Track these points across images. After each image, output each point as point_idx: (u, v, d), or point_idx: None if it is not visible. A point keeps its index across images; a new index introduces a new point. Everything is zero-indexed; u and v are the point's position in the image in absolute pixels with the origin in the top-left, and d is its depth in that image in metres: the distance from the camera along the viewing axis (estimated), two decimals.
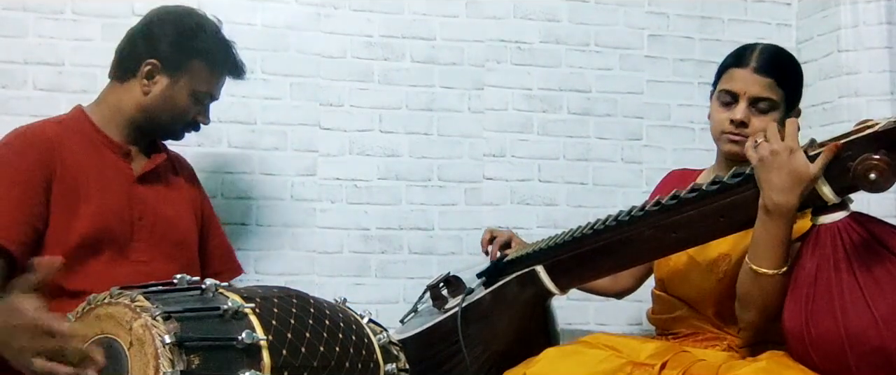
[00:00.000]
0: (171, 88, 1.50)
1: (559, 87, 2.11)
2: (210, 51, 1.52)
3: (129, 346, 0.88)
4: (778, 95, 1.39)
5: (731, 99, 1.41)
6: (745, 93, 1.38)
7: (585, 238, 1.37)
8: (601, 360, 1.31)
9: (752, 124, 1.38)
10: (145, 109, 1.50)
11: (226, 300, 0.95)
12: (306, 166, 1.98)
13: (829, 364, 1.16)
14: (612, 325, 1.97)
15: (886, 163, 1.08)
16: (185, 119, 1.54)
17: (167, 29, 1.51)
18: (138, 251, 1.45)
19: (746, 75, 1.39)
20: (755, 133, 1.36)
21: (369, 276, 1.99)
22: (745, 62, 1.40)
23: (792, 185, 1.15)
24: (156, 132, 1.56)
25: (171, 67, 1.49)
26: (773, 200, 1.17)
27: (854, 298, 1.13)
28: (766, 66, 1.39)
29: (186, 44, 1.50)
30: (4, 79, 1.84)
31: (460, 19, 2.07)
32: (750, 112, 1.39)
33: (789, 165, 1.15)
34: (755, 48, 1.42)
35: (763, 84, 1.38)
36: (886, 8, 1.99)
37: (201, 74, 1.51)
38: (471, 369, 1.39)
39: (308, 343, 0.99)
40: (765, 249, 1.20)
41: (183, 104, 1.51)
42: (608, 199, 2.09)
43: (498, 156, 2.07)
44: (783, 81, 1.40)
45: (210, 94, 1.56)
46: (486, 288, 1.47)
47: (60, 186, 1.39)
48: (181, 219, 1.56)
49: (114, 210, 1.43)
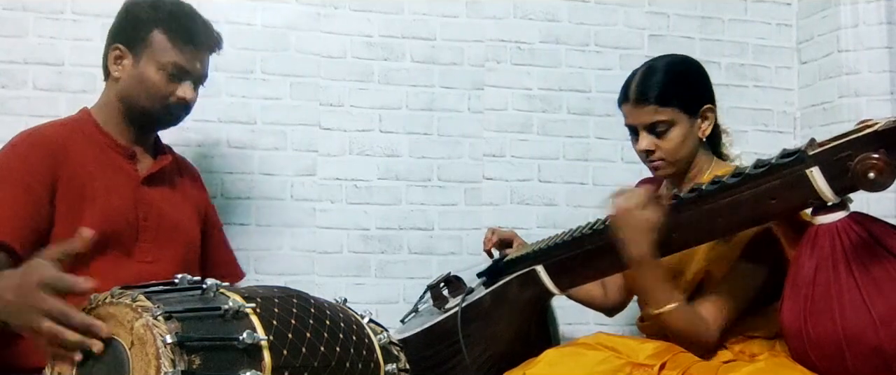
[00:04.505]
0: (137, 66, 1.47)
1: (559, 87, 2.11)
2: (165, 20, 1.47)
3: (130, 346, 0.88)
4: (668, 115, 1.41)
5: (632, 133, 1.47)
6: (640, 124, 1.44)
7: (585, 238, 1.38)
8: (600, 361, 1.31)
9: (660, 147, 1.43)
10: (123, 96, 1.49)
11: (227, 300, 0.95)
12: (306, 166, 1.98)
13: (827, 364, 1.16)
14: (611, 325, 1.97)
15: (885, 163, 1.08)
16: (164, 97, 1.48)
17: (123, 11, 1.51)
18: (143, 251, 1.45)
19: (631, 109, 1.45)
20: (669, 153, 1.42)
21: (369, 276, 2.00)
22: (627, 97, 1.45)
23: (640, 237, 1.27)
24: (145, 120, 1.51)
25: (132, 46, 1.47)
26: (631, 252, 1.28)
27: (852, 298, 1.13)
28: (642, 95, 1.42)
29: (140, 18, 1.48)
30: (4, 79, 1.84)
31: (460, 19, 2.07)
32: (652, 138, 1.43)
33: (632, 222, 1.27)
34: (633, 79, 1.46)
35: (647, 111, 1.42)
36: (886, 8, 1.99)
37: (162, 45, 1.46)
38: (471, 368, 1.40)
39: (309, 343, 0.99)
40: (648, 294, 1.33)
41: (153, 80, 1.46)
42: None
43: (498, 156, 2.08)
44: (665, 100, 1.41)
45: (180, 67, 1.48)
46: (487, 288, 1.48)
47: (66, 188, 1.39)
48: (185, 221, 1.55)
49: (119, 211, 1.43)
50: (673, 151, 1.43)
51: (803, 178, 1.15)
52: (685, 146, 1.43)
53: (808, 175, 1.15)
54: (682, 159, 1.44)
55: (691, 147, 1.44)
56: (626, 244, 1.28)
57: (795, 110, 2.22)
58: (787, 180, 1.18)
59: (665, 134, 1.42)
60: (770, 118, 2.23)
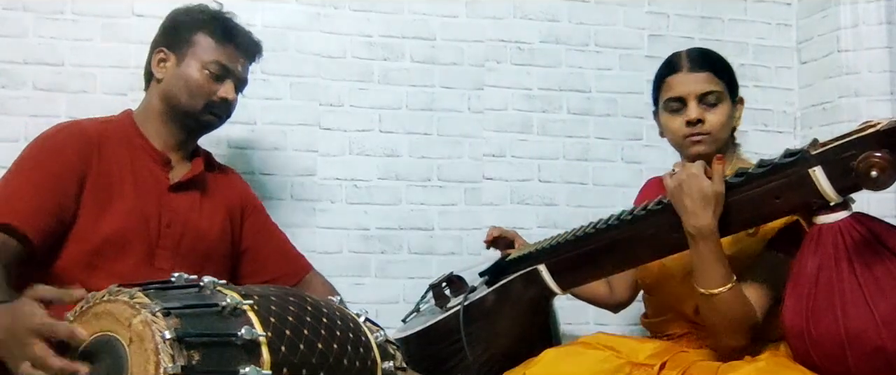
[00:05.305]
0: (180, 66, 1.50)
1: (559, 87, 2.11)
2: (208, 22, 1.52)
3: (128, 343, 0.87)
4: (720, 86, 1.42)
5: (679, 104, 1.43)
6: (691, 93, 1.41)
7: (587, 237, 1.37)
8: (600, 360, 1.32)
9: (707, 120, 1.41)
10: (164, 96, 1.51)
11: (224, 297, 0.95)
12: (306, 166, 1.98)
13: (828, 364, 1.16)
14: (611, 325, 1.96)
15: (887, 162, 1.08)
16: (206, 96, 1.50)
17: (167, 19, 1.56)
18: (162, 258, 1.44)
19: (684, 77, 1.42)
20: (715, 129, 1.40)
21: (369, 276, 1.99)
22: (678, 67, 1.44)
23: (704, 206, 1.21)
24: (186, 121, 1.52)
25: (176, 47, 1.51)
26: (692, 224, 1.23)
27: (855, 298, 1.13)
28: (700, 63, 1.43)
29: (185, 21, 1.53)
30: (4, 79, 1.84)
31: (460, 19, 2.07)
32: (702, 109, 1.41)
33: (696, 189, 1.22)
34: (680, 53, 1.46)
35: (703, 79, 1.41)
36: (886, 8, 1.99)
37: (205, 44, 1.51)
38: (473, 367, 1.39)
39: (306, 340, 0.99)
40: (703, 271, 1.25)
41: (196, 78, 1.49)
42: (608, 199, 2.08)
43: (498, 156, 2.07)
44: (719, 72, 1.43)
45: (223, 66, 1.51)
46: (489, 287, 1.48)
47: (94, 184, 1.40)
48: (211, 230, 1.53)
49: (143, 215, 1.43)
50: (719, 127, 1.41)
51: (806, 178, 1.15)
52: (726, 127, 1.43)
53: (810, 174, 1.15)
54: (721, 139, 1.42)
55: (728, 131, 1.44)
56: (689, 215, 1.23)
57: (795, 110, 2.22)
58: (790, 180, 1.18)
59: (715, 106, 1.41)
60: (770, 118, 2.23)
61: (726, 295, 1.24)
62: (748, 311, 1.26)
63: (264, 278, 1.60)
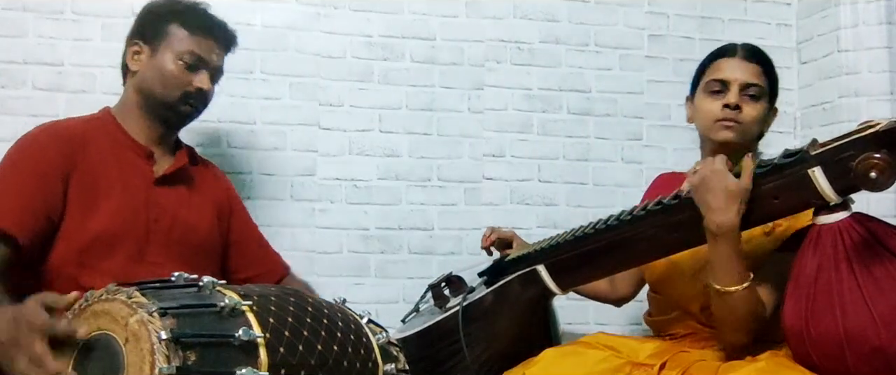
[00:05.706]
0: (155, 57, 1.50)
1: (559, 87, 2.11)
2: (182, 13, 1.52)
3: (125, 342, 0.88)
4: (765, 83, 1.44)
5: (721, 87, 1.44)
6: (736, 79, 1.42)
7: (587, 237, 1.37)
8: (600, 360, 1.31)
9: (744, 110, 1.41)
10: (140, 88, 1.51)
11: (223, 297, 0.95)
12: (306, 166, 1.98)
13: (827, 364, 1.16)
14: (612, 325, 1.96)
15: (887, 162, 1.08)
16: (181, 87, 1.50)
17: (142, 11, 1.56)
18: (153, 253, 1.44)
19: (735, 63, 1.43)
20: (748, 121, 1.40)
21: (369, 276, 1.99)
22: (731, 53, 1.46)
23: (727, 203, 1.19)
24: (162, 112, 1.52)
25: (150, 39, 1.51)
26: (714, 221, 1.21)
27: (854, 298, 1.13)
28: (753, 55, 1.45)
29: (158, 14, 1.53)
30: (4, 79, 1.84)
31: (460, 19, 2.07)
32: (742, 98, 1.41)
33: (720, 185, 1.20)
34: (736, 43, 1.48)
35: (752, 71, 1.43)
36: (886, 8, 1.99)
37: (179, 35, 1.50)
38: (472, 367, 1.39)
39: (306, 341, 0.99)
40: (721, 268, 1.23)
41: (170, 69, 1.49)
42: (608, 199, 2.08)
43: (498, 156, 2.07)
44: (768, 72, 1.46)
45: (198, 56, 1.51)
46: (488, 288, 1.47)
47: (79, 182, 1.40)
48: (201, 224, 1.54)
49: (130, 210, 1.43)
50: (752, 121, 1.41)
51: (806, 178, 1.15)
52: (758, 125, 1.44)
53: (810, 175, 1.15)
54: (750, 134, 1.43)
55: (758, 131, 1.45)
56: (712, 211, 1.21)
57: (795, 110, 2.21)
58: (789, 180, 1.18)
59: (755, 100, 1.42)
60: None
61: (742, 293, 1.23)
62: (759, 310, 1.26)
63: (247, 274, 1.61)
